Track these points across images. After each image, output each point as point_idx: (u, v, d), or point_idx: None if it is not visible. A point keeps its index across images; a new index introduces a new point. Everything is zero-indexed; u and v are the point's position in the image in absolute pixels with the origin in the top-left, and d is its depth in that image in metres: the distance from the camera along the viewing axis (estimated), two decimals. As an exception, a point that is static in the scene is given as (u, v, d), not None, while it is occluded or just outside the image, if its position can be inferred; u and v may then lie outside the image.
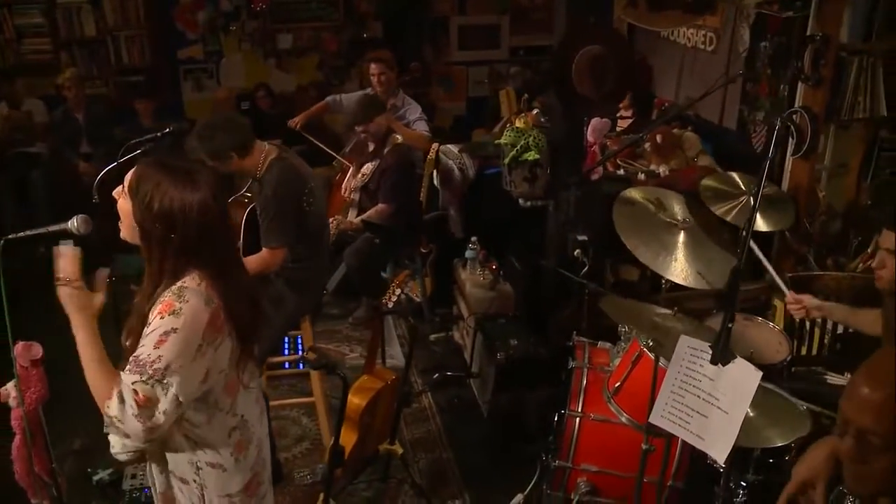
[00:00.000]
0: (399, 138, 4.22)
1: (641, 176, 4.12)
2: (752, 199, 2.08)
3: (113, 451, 2.02)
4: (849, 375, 3.11)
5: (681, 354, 2.08)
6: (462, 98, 7.45)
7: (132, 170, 1.88)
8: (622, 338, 3.20)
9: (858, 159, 4.15)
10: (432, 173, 4.87)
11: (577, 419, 3.02)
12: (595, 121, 3.86)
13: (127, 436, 1.84)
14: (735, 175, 3.45)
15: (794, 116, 4.15)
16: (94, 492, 3.39)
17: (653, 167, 4.26)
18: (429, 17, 7.03)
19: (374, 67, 5.05)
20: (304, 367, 4.03)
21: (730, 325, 1.97)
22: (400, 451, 3.38)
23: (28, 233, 2.00)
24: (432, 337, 4.65)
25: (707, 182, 3.45)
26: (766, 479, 2.76)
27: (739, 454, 2.69)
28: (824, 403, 2.70)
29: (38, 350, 2.40)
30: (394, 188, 4.09)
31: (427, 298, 4.57)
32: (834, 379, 3.19)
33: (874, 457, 1.38)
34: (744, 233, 2.07)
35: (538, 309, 4.11)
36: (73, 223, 1.97)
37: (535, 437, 3.59)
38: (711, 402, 2.04)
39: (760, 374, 1.95)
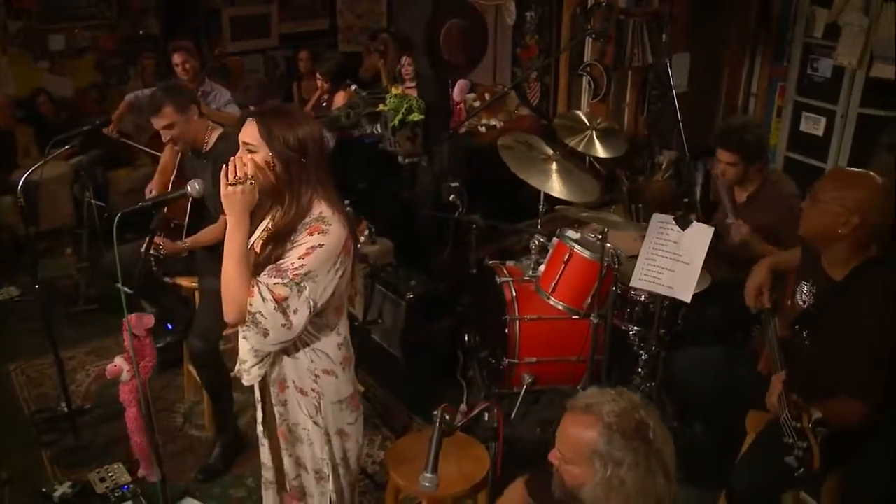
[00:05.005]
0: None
1: (482, 128, 4.82)
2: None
3: (243, 364, 2.17)
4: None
5: (653, 228, 2.82)
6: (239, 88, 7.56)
7: (247, 126, 2.11)
8: (533, 250, 3.87)
9: (634, 99, 5.27)
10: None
11: (517, 322, 3.66)
12: (460, 82, 4.46)
13: (266, 333, 2.04)
14: (579, 113, 4.29)
15: (588, 69, 5.17)
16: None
17: (484, 121, 4.98)
18: (202, 10, 7.05)
19: (176, 57, 5.04)
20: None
21: (687, 200, 2.74)
22: (361, 389, 3.72)
23: (146, 202, 2.12)
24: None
25: (559, 121, 4.25)
26: (673, 334, 3.59)
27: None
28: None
29: (150, 319, 2.42)
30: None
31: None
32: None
33: None
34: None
35: (417, 252, 4.63)
36: (194, 186, 2.15)
37: (451, 359, 4.15)
38: (676, 259, 2.81)
39: (712, 229, 2.75)
